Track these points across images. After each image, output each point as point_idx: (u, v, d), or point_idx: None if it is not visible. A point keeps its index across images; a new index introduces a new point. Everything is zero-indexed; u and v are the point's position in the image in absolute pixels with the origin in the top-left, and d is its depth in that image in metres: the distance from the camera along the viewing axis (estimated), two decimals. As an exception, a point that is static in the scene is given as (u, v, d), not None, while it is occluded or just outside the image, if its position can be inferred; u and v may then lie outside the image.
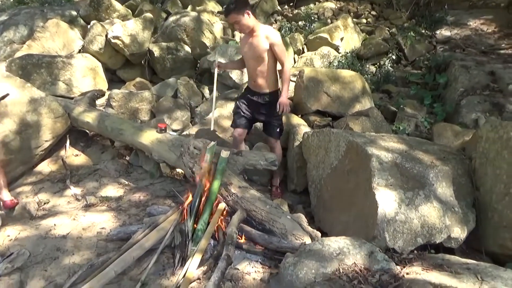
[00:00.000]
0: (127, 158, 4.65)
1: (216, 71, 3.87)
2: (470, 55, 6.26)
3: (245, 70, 5.38)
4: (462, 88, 5.10)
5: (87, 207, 3.67)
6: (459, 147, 3.23)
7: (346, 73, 4.79)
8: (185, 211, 2.98)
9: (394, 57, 6.73)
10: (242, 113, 3.81)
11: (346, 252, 2.31)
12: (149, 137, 3.91)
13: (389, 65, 6.61)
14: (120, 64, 6.47)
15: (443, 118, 4.88)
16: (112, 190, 4.02)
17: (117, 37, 5.93)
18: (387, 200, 2.51)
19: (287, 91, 3.53)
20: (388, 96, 5.83)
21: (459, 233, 2.55)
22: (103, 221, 3.37)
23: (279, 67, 3.63)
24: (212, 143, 3.33)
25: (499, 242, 2.53)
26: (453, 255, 2.68)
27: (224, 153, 3.20)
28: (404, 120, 4.73)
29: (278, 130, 3.75)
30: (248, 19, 3.43)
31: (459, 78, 5.24)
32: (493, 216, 2.59)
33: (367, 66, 6.64)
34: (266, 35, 3.46)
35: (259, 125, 4.13)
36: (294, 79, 5.23)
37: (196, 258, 2.61)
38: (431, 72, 5.99)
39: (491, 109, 4.67)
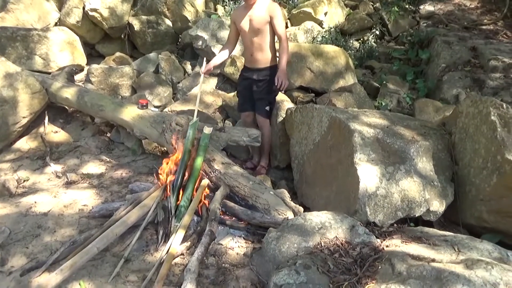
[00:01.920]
0: (108, 134, 4.58)
1: (202, 77, 3.70)
2: (453, 30, 6.27)
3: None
4: (444, 64, 5.13)
5: (68, 184, 3.62)
6: (440, 122, 3.27)
7: (330, 49, 4.76)
8: (167, 187, 2.96)
9: (377, 32, 6.69)
10: (243, 95, 3.78)
11: (328, 226, 2.35)
12: (130, 113, 3.84)
13: (373, 40, 6.59)
14: (98, 38, 6.27)
15: (425, 94, 4.92)
16: (94, 167, 3.97)
17: (94, 10, 5.72)
18: (368, 175, 2.54)
19: (285, 65, 3.44)
20: (371, 72, 5.83)
21: (437, 206, 2.61)
22: (85, 198, 3.33)
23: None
24: (195, 119, 3.29)
25: (476, 215, 2.60)
26: (431, 227, 2.78)
27: (207, 129, 3.17)
28: (387, 96, 4.75)
29: (267, 108, 3.65)
30: None
31: (441, 54, 5.27)
32: (471, 190, 2.66)
33: (351, 41, 6.61)
34: (267, 7, 3.41)
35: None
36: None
37: (179, 234, 2.61)
38: (414, 48, 6.00)
39: (472, 85, 4.72)
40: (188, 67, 5.61)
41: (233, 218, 2.90)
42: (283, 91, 3.75)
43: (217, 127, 3.55)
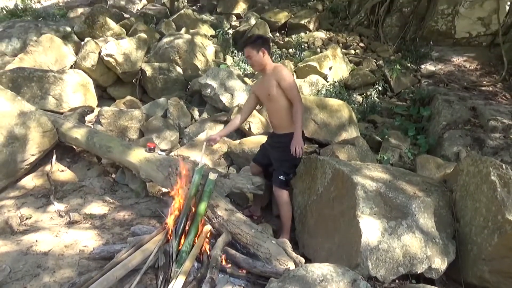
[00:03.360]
0: (113, 176, 4.64)
1: (204, 144, 3.52)
2: (453, 90, 6.49)
3: (235, 101, 5.45)
4: (445, 122, 5.27)
5: (70, 224, 3.63)
6: (441, 179, 3.33)
7: (334, 102, 4.92)
8: (170, 232, 2.98)
9: (380, 88, 6.93)
10: (262, 150, 3.70)
11: (330, 279, 2.33)
12: (137, 155, 3.92)
13: (375, 95, 6.80)
14: (111, 82, 6.51)
15: (426, 150, 5.02)
16: (97, 208, 3.99)
17: (110, 55, 5.99)
18: (370, 228, 2.57)
19: (300, 131, 3.25)
20: (374, 126, 5.97)
21: (439, 264, 2.61)
22: (86, 239, 3.33)
23: None
24: (201, 164, 3.36)
25: (478, 274, 2.59)
26: (433, 285, 2.76)
27: (212, 175, 3.23)
28: (389, 150, 4.85)
29: (281, 177, 3.39)
30: (262, 57, 3.32)
31: (442, 112, 5.43)
32: (472, 249, 2.66)
33: (354, 95, 6.82)
34: (272, 71, 3.35)
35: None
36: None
37: (179, 280, 2.60)
38: (416, 105, 6.18)
39: (472, 143, 4.83)
40: (196, 113, 5.77)
41: (234, 266, 2.89)
42: (299, 157, 3.39)
43: (222, 174, 3.61)
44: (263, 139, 3.80)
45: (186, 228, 3.05)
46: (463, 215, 2.82)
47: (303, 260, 2.86)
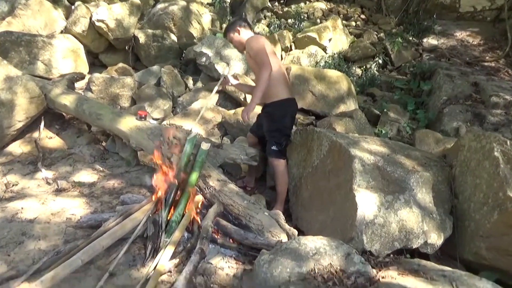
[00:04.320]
0: (104, 144, 4.52)
1: (221, 80, 3.57)
2: (455, 65, 6.34)
3: (231, 70, 5.29)
4: (446, 96, 5.15)
5: (58, 191, 3.53)
6: (441, 154, 3.23)
7: (333, 73, 4.77)
8: (160, 201, 2.88)
9: (380, 61, 6.76)
10: (258, 120, 3.61)
11: (323, 252, 2.26)
12: (128, 124, 3.78)
13: (375, 69, 6.64)
14: (103, 48, 6.29)
15: (425, 124, 4.92)
16: (86, 176, 3.88)
17: (101, 20, 5.75)
18: (367, 202, 2.48)
19: (256, 98, 3.17)
20: (372, 100, 5.84)
21: (435, 239, 2.54)
22: (74, 207, 3.24)
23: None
24: (193, 133, 3.24)
25: (474, 251, 2.53)
26: (428, 261, 2.70)
27: (205, 145, 3.11)
28: (387, 124, 4.74)
29: (273, 147, 3.31)
30: (238, 36, 3.40)
31: (443, 87, 5.29)
32: (470, 225, 2.59)
33: (354, 68, 6.66)
34: (246, 45, 3.34)
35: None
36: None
37: (169, 250, 2.52)
38: (416, 79, 6.04)
39: (472, 119, 4.72)
40: (190, 82, 5.60)
41: (225, 237, 2.81)
42: (289, 126, 3.42)
43: (215, 144, 3.49)
44: (259, 109, 3.67)
45: (177, 198, 2.95)
46: (462, 191, 2.74)
47: (296, 232, 2.78)
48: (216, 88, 3.51)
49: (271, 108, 3.34)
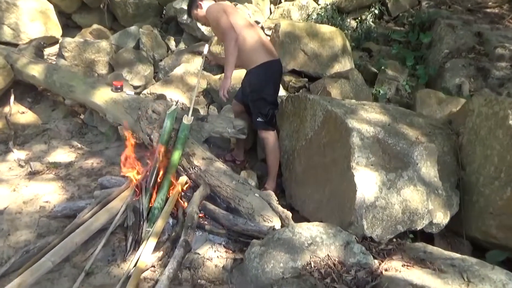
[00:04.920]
0: (82, 116, 4.19)
1: (203, 61, 3.22)
2: (456, 13, 5.89)
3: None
4: (447, 49, 4.78)
5: (31, 175, 3.26)
6: (446, 119, 2.96)
7: (326, 29, 4.37)
8: (140, 185, 2.63)
9: (376, 11, 6.27)
10: (241, 88, 3.25)
11: (319, 242, 2.05)
12: (103, 96, 3.45)
13: (371, 20, 6.17)
14: (75, 7, 5.78)
15: (425, 81, 4.59)
16: (62, 155, 3.60)
17: (69, -24, 5.20)
18: (367, 182, 2.23)
19: (227, 75, 2.89)
20: (369, 55, 5.45)
21: (441, 218, 2.33)
22: (48, 193, 2.98)
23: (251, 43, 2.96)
24: (173, 107, 2.93)
25: (483, 229, 2.33)
26: (432, 239, 2.51)
27: (187, 119, 2.82)
28: (385, 83, 4.41)
29: (259, 119, 3.01)
30: (202, 12, 3.10)
31: (444, 39, 4.91)
32: (478, 200, 2.38)
33: (348, 20, 6.18)
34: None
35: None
36: (269, 33, 4.78)
37: (151, 242, 2.30)
38: (415, 30, 5.61)
39: (476, 74, 4.40)
40: (172, 43, 5.18)
41: (213, 222, 2.59)
42: (271, 92, 3.08)
43: (198, 116, 3.19)
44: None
45: (158, 180, 2.70)
46: (470, 162, 2.50)
47: (289, 214, 2.56)
48: (200, 73, 3.14)
49: (250, 76, 3.02)
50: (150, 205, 2.58)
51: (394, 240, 2.23)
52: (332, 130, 2.60)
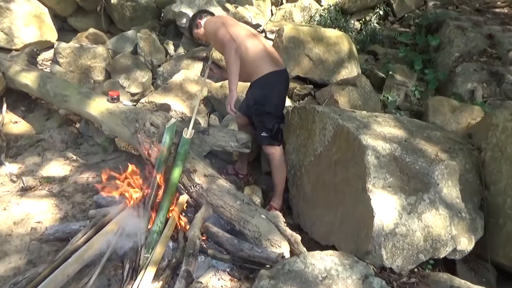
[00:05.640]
0: (77, 125, 4.00)
1: (206, 72, 3.11)
2: (464, 13, 5.71)
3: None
4: (457, 53, 4.60)
5: (23, 191, 3.08)
6: (465, 132, 2.78)
7: (332, 33, 4.18)
8: (137, 206, 2.44)
9: (381, 12, 6.09)
10: (245, 99, 3.04)
11: (334, 276, 1.87)
12: (98, 107, 3.25)
13: (376, 21, 5.98)
14: (71, 11, 5.55)
15: (435, 87, 4.41)
16: (56, 168, 3.41)
17: (64, -22, 5.00)
18: (385, 207, 2.05)
19: (231, 88, 2.69)
20: (374, 58, 5.27)
21: (466, 244, 2.15)
22: (41, 212, 2.80)
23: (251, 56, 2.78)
24: (173, 120, 2.74)
25: (511, 255, 2.15)
26: (453, 263, 2.33)
27: (187, 133, 2.64)
28: (393, 88, 4.22)
29: (263, 134, 2.81)
30: (202, 30, 3.01)
31: (454, 41, 4.73)
32: (506, 224, 2.20)
33: (352, 22, 6.00)
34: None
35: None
36: (271, 36, 4.60)
37: (150, 271, 2.12)
38: (422, 32, 5.43)
39: (489, 79, 4.22)
40: (171, 47, 4.98)
41: (216, 246, 2.41)
42: (276, 106, 2.87)
43: (199, 129, 3.00)
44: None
45: (157, 200, 2.51)
46: (495, 181, 2.31)
47: (299, 238, 2.37)
48: (204, 83, 2.96)
49: (254, 88, 2.84)
50: (148, 228, 2.39)
51: (416, 270, 2.05)
52: (344, 147, 2.41)
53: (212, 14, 3.11)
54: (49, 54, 5.07)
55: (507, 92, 4.01)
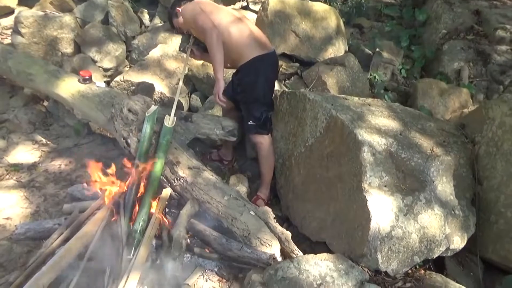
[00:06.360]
0: (45, 104, 3.71)
1: (187, 54, 2.87)
2: (451, -14, 5.55)
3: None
4: (445, 29, 4.47)
5: (-11, 181, 2.83)
6: (458, 122, 2.70)
7: (319, 7, 3.96)
8: (114, 207, 2.27)
9: (367, -19, 5.85)
10: (231, 83, 2.81)
11: (330, 282, 1.80)
12: (68, 88, 2.98)
13: (361, -10, 5.75)
14: (32, -29, 5.04)
15: (422, 65, 4.31)
16: (24, 153, 3.16)
17: None
18: (382, 209, 1.97)
19: (216, 76, 2.54)
20: (360, 32, 5.09)
21: (458, 243, 2.12)
22: (9, 206, 2.59)
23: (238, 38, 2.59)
24: (153, 107, 2.53)
25: (502, 253, 2.14)
26: (442, 258, 2.31)
27: (169, 121, 2.44)
28: (380, 66, 4.09)
29: (250, 122, 2.67)
30: (181, 18, 2.76)
31: (442, 17, 4.59)
32: (498, 221, 2.17)
33: (337, -9, 5.74)
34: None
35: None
36: (255, 8, 4.33)
37: (134, 277, 1.98)
38: (407, 5, 5.26)
39: (475, 59, 4.14)
40: (146, 17, 4.62)
41: (203, 244, 2.30)
42: (266, 92, 2.73)
43: (182, 115, 2.80)
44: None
45: (138, 195, 2.35)
46: (488, 177, 2.27)
47: (289, 235, 2.28)
48: (184, 68, 2.73)
49: (240, 74, 2.67)
50: (130, 223, 2.24)
51: (410, 271, 2.00)
52: (337, 140, 2.29)
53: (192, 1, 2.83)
54: (9, 21, 4.62)
55: (493, 73, 3.96)
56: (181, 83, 2.65)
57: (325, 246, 2.29)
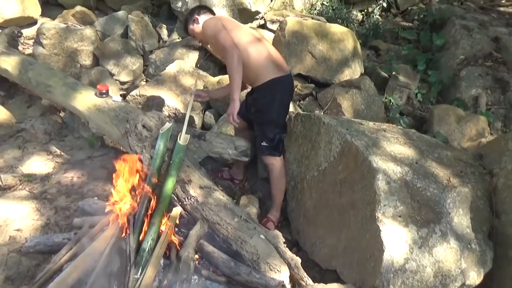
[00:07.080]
0: (62, 114, 3.75)
1: (192, 98, 2.84)
2: (469, 11, 5.54)
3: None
4: (463, 55, 4.44)
5: (2, 190, 2.85)
6: (475, 151, 2.65)
7: (336, 29, 3.96)
8: (125, 222, 2.26)
9: (384, 4, 5.88)
10: (245, 103, 2.82)
11: (340, 316, 1.75)
12: (85, 101, 3.01)
13: (378, 13, 5.77)
14: (56, -16, 5.19)
15: (438, 90, 4.26)
16: (38, 164, 3.19)
17: (49, -50, 4.62)
18: (396, 240, 1.92)
19: (233, 97, 2.51)
20: (376, 54, 5.09)
21: (474, 278, 2.05)
22: (20, 217, 2.60)
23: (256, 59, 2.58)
24: (168, 124, 2.54)
25: (520, 291, 2.07)
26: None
27: (182, 139, 2.44)
28: (396, 90, 4.06)
29: (263, 143, 2.66)
30: (198, 26, 2.74)
31: (460, 43, 4.56)
32: (516, 258, 2.10)
33: (354, 12, 5.76)
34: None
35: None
36: (273, 27, 4.35)
37: (139, 298, 1.96)
38: (425, 29, 5.24)
39: (493, 86, 4.09)
40: (164, 32, 4.69)
41: (211, 266, 2.26)
42: (281, 115, 2.73)
43: (195, 133, 2.80)
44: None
45: (149, 213, 2.34)
46: (506, 210, 2.20)
47: (299, 261, 2.24)
48: (189, 111, 2.72)
49: (256, 95, 2.67)
50: (139, 241, 2.22)
51: (423, 306, 1.94)
52: (351, 166, 2.26)
53: (212, 11, 2.86)
54: (31, 31, 4.74)
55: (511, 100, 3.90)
56: (185, 125, 2.58)
57: (336, 274, 2.24)
